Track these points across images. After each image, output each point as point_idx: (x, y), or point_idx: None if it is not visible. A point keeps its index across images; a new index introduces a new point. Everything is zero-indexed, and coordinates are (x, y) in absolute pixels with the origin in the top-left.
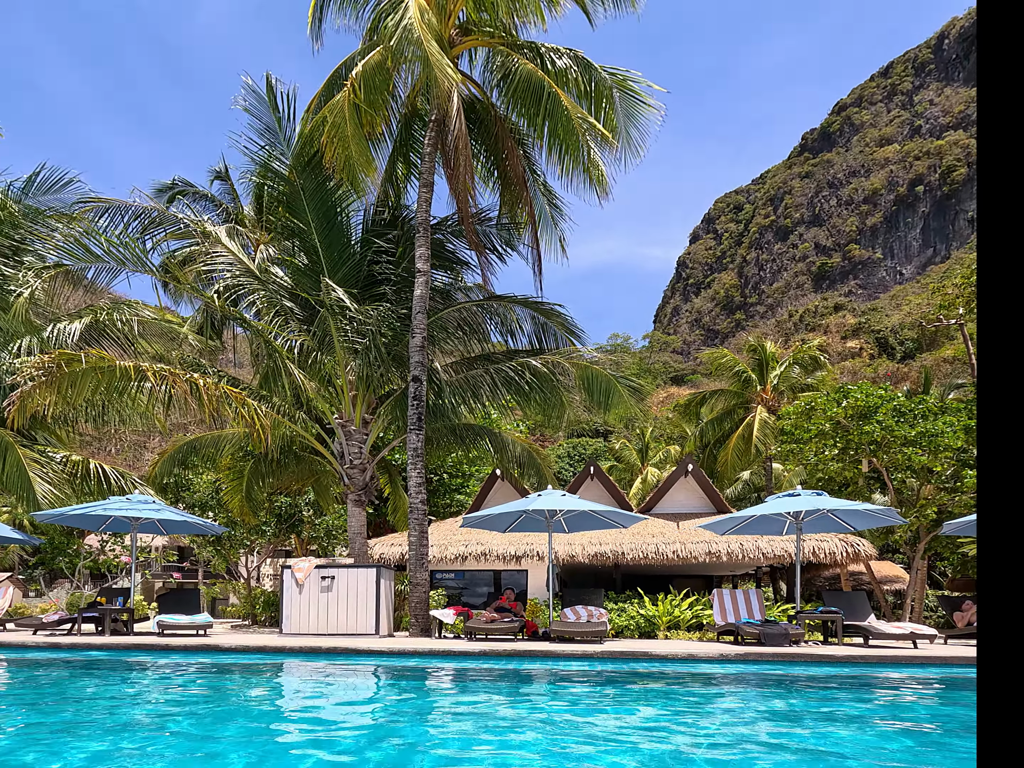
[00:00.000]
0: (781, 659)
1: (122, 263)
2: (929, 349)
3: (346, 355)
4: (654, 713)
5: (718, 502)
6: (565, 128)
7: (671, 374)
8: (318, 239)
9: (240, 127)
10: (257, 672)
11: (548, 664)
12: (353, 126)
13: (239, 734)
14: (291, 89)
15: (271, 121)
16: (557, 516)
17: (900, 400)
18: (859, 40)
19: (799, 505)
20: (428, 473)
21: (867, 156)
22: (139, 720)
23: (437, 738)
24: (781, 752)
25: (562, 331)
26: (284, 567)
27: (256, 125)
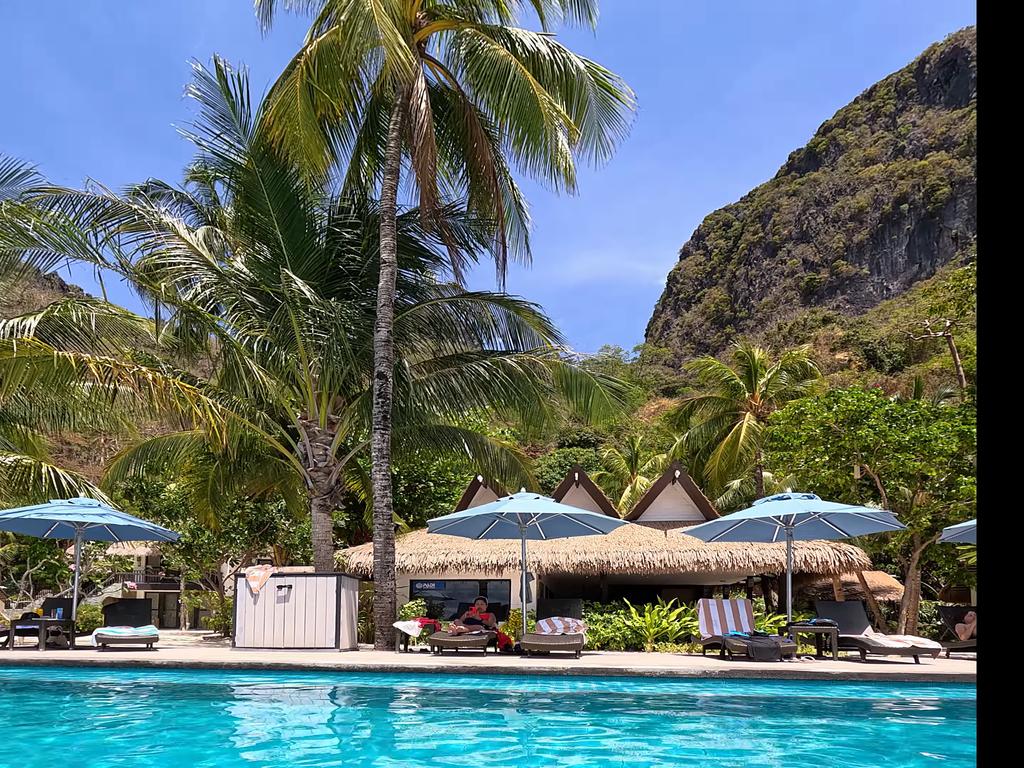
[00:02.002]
0: (770, 677)
1: (60, 248)
2: (917, 361)
3: (309, 351)
4: (615, 748)
5: (707, 509)
6: (532, 112)
7: (662, 386)
8: (279, 230)
9: (194, 117)
10: (182, 694)
11: (510, 684)
12: (304, 106)
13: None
14: (241, 71)
15: (225, 108)
16: (532, 521)
17: (892, 405)
18: (844, 64)
19: (789, 509)
20: (413, 481)
21: (852, 175)
22: None
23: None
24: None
25: (539, 331)
26: (238, 575)
27: (210, 113)
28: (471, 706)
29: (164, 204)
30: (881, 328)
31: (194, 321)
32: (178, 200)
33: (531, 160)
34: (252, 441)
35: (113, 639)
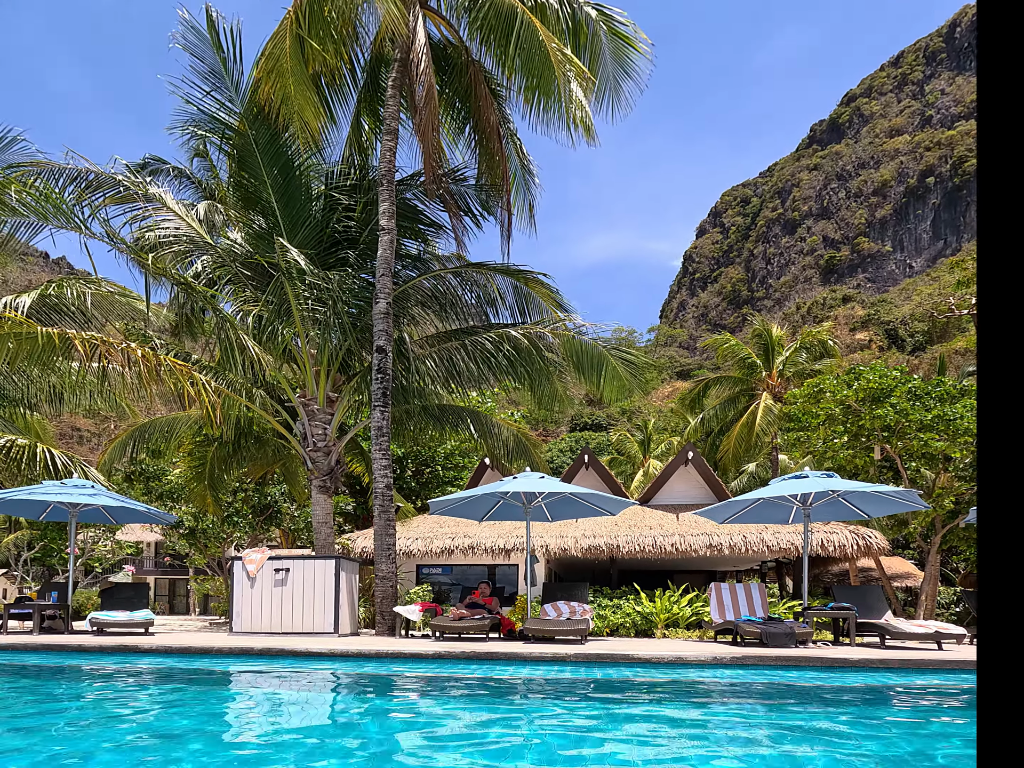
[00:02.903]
0: (785, 663)
1: (44, 218)
2: (940, 340)
3: (306, 325)
4: (615, 738)
5: (720, 493)
6: (542, 62)
7: (677, 368)
8: (274, 197)
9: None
10: (167, 678)
11: (510, 670)
12: (294, 60)
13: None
14: (234, 24)
15: (215, 62)
16: (537, 501)
17: (915, 382)
18: (869, 29)
19: (807, 487)
20: (420, 465)
21: (877, 147)
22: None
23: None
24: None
25: (547, 302)
26: (235, 558)
27: (199, 67)
28: (465, 694)
29: (163, 180)
30: (903, 307)
31: (186, 293)
32: (177, 176)
33: (544, 115)
34: (250, 421)
35: (108, 623)
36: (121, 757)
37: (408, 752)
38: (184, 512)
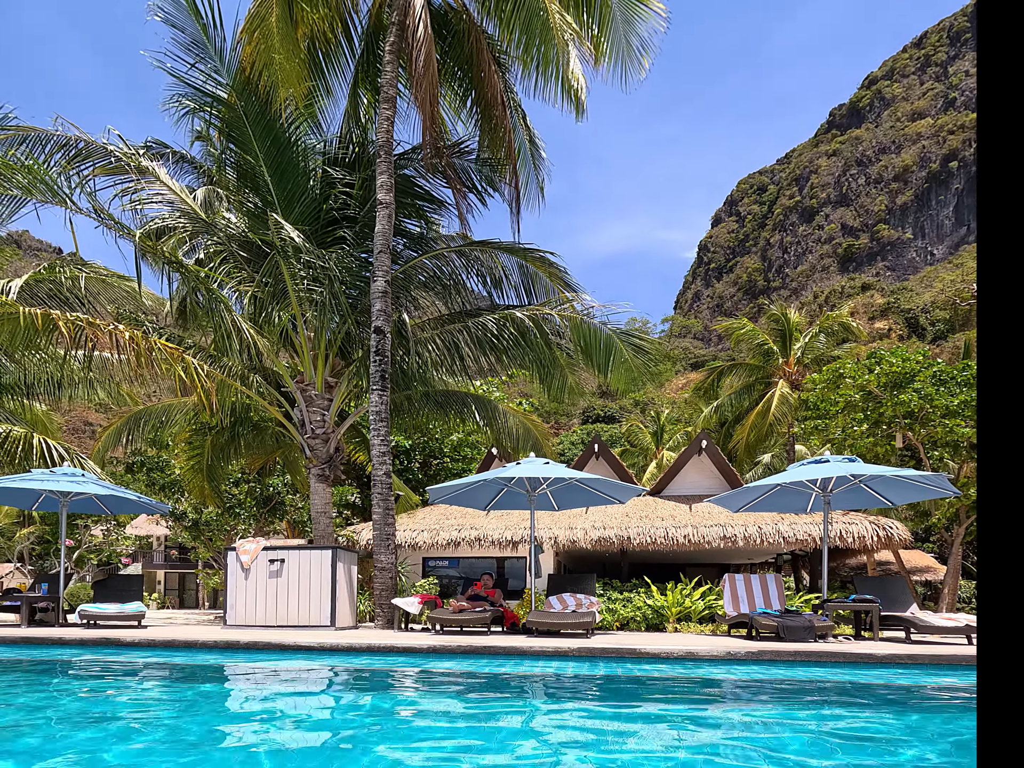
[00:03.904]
0: (803, 658)
1: (28, 192)
2: (962, 329)
3: (302, 307)
4: (617, 741)
5: (735, 482)
6: (541, 26)
7: (691, 360)
8: (267, 172)
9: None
10: (139, 673)
11: (508, 665)
12: (281, 22)
13: None
14: None
15: (196, 31)
16: (541, 488)
17: (941, 366)
18: (892, 9)
19: (828, 472)
20: (428, 456)
21: (898, 131)
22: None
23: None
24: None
25: (554, 283)
26: (228, 549)
27: (180, 39)
28: (457, 691)
29: (165, 165)
30: (924, 294)
31: (178, 273)
32: (179, 160)
33: (543, 84)
34: (247, 408)
35: (98, 616)
36: (54, 747)
37: (381, 756)
38: (188, 504)
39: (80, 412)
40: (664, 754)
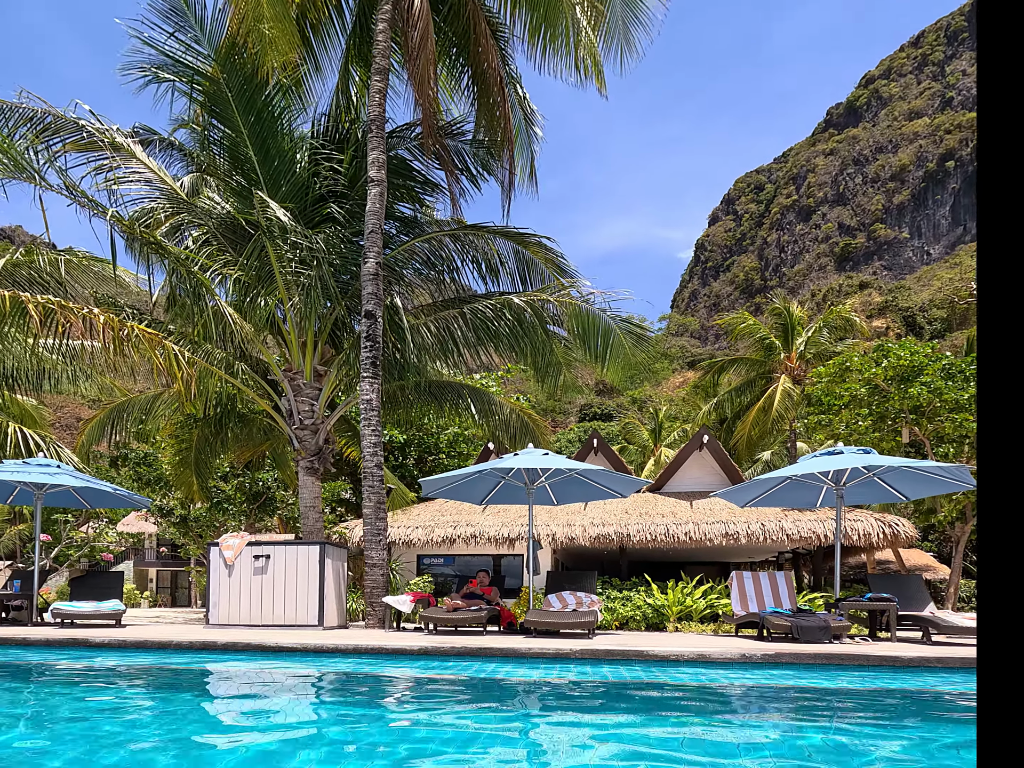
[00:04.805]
0: (825, 662)
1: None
2: (960, 327)
3: (290, 291)
4: (630, 761)
5: (737, 478)
6: None
7: (688, 359)
8: (251, 148)
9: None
10: (95, 679)
11: (504, 670)
12: None
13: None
14: None
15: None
16: (540, 481)
17: (950, 359)
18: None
19: (843, 464)
20: (423, 452)
21: (895, 131)
22: None
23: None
24: None
25: (550, 268)
26: (211, 544)
27: (158, 6)
28: (450, 698)
29: (151, 152)
30: (922, 293)
31: (154, 252)
32: (167, 148)
33: (549, 57)
34: (232, 399)
35: (72, 615)
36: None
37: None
38: (175, 500)
39: (73, 408)
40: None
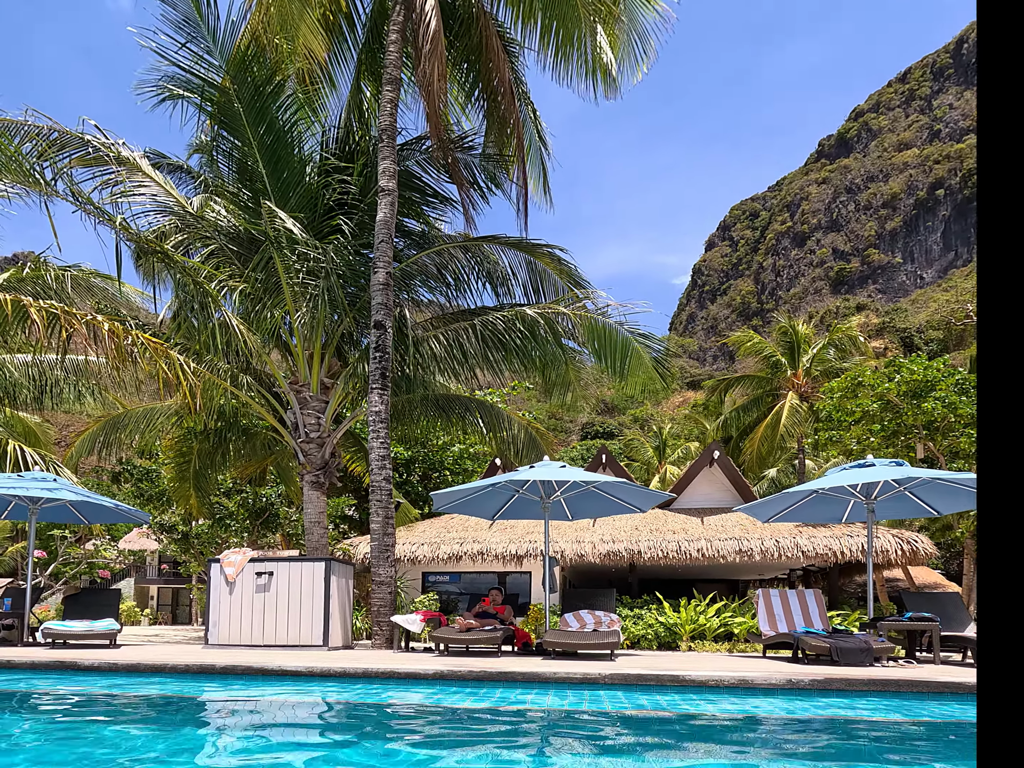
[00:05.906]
0: (880, 688)
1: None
2: (957, 348)
3: (297, 302)
4: None
5: (748, 495)
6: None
7: (687, 379)
8: (261, 160)
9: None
10: (74, 708)
11: (525, 697)
12: None
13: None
14: None
15: (188, 8)
16: (556, 494)
17: (963, 374)
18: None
19: (874, 476)
20: (428, 469)
21: (885, 161)
22: None
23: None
24: None
25: (564, 280)
26: (212, 561)
27: (171, 16)
28: (471, 732)
29: (160, 172)
30: (919, 315)
31: (160, 262)
32: (175, 171)
33: (565, 67)
34: (236, 411)
35: (64, 634)
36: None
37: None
38: (176, 516)
39: (79, 427)
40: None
